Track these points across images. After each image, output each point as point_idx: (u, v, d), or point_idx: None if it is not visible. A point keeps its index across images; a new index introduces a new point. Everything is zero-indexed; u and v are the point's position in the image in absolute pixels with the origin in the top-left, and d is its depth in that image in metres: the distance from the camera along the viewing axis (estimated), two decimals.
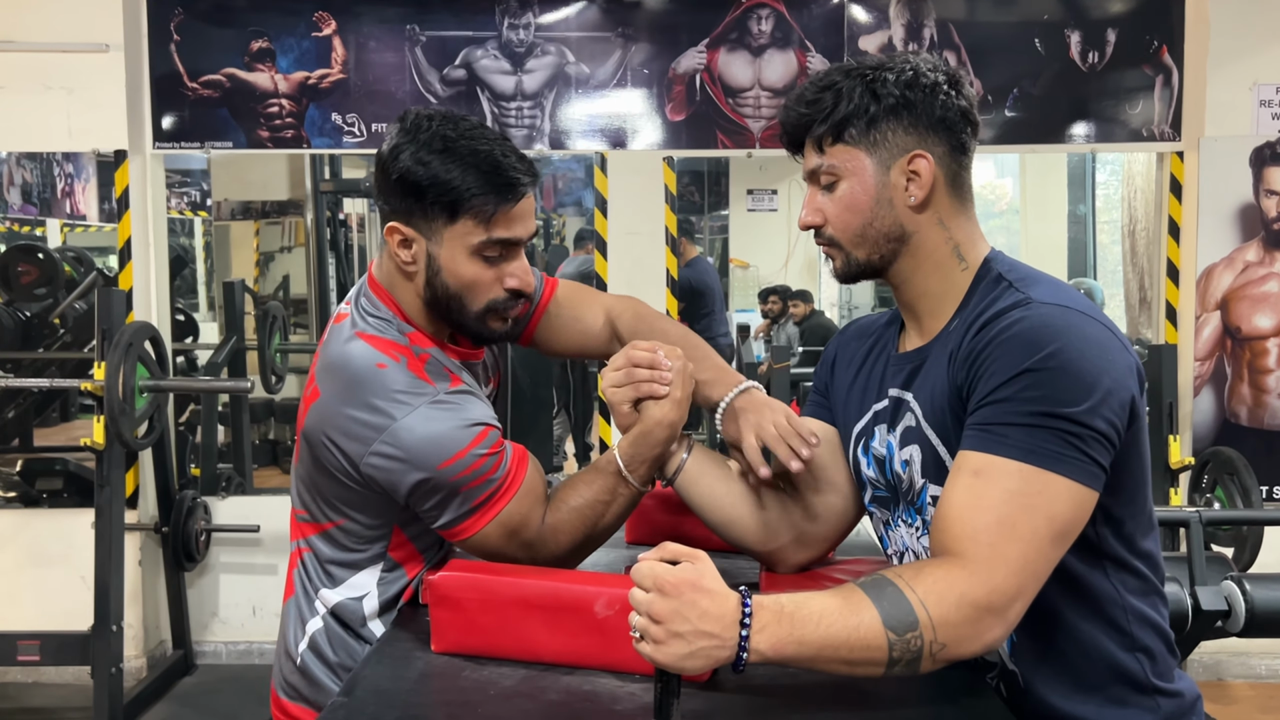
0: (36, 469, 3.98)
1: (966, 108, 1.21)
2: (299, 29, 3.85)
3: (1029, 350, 1.07)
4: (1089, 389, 1.06)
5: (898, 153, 1.19)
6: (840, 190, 1.22)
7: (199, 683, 3.88)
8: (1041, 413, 1.05)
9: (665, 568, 1.01)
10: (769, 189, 8.17)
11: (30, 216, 4.36)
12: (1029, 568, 1.05)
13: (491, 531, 1.33)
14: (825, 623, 1.01)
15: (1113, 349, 1.09)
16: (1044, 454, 1.05)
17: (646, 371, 1.34)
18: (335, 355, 1.35)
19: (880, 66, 1.20)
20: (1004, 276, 1.19)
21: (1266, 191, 3.75)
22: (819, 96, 1.21)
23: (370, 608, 1.41)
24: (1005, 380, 1.07)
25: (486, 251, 1.32)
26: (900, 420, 1.23)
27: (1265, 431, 3.78)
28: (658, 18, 3.87)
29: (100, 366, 3.26)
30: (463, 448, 1.28)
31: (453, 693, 1.17)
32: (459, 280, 1.33)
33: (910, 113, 1.19)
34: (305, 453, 1.39)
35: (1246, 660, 3.83)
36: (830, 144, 1.21)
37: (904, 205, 1.20)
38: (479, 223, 1.30)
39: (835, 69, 1.23)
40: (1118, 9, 3.83)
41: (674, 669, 0.99)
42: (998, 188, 9.09)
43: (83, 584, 3.51)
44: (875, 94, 1.18)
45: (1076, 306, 1.11)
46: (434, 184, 1.28)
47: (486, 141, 1.30)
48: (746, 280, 8.23)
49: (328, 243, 6.23)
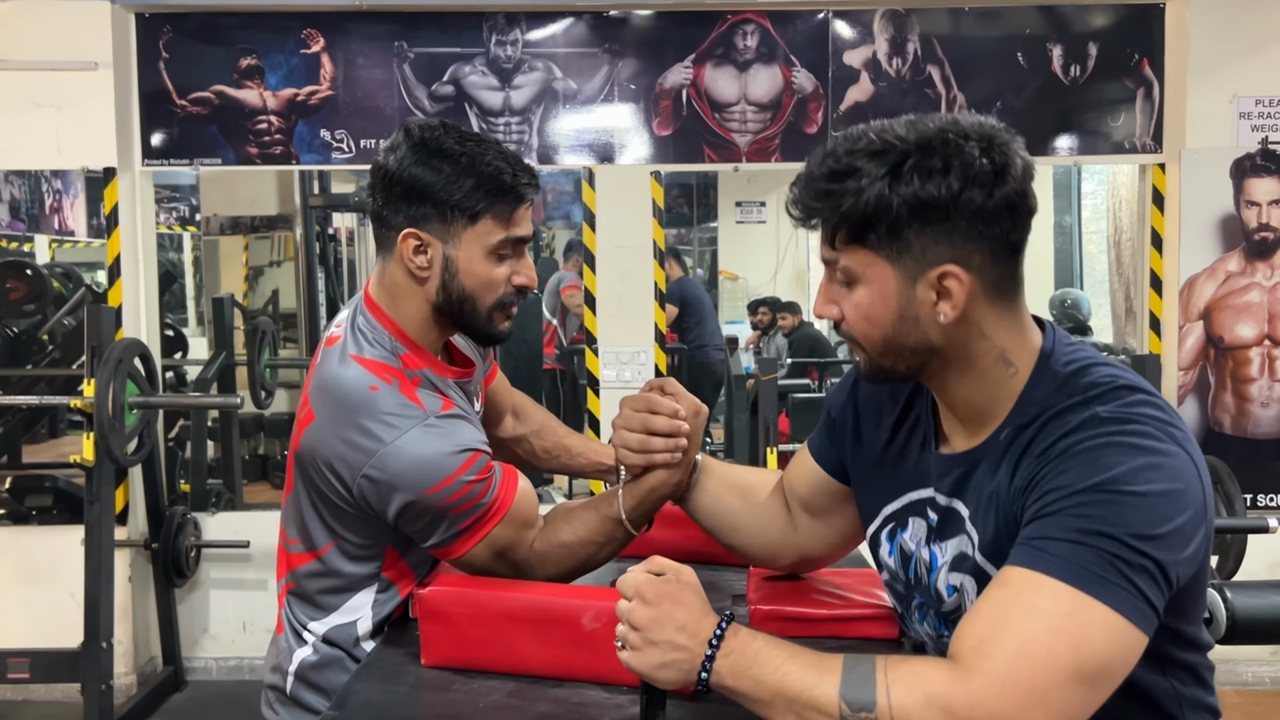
0: (26, 486, 3.97)
1: (1016, 197, 1.01)
2: (287, 46, 3.87)
3: (1093, 471, 0.95)
4: (1156, 519, 0.93)
5: (926, 266, 1.02)
6: (858, 295, 1.06)
7: (189, 699, 3.87)
8: (1093, 531, 0.93)
9: (649, 578, 1.03)
10: (757, 201, 8.20)
11: (19, 233, 4.36)
12: (1035, 696, 0.90)
13: (479, 552, 1.35)
14: (784, 670, 0.98)
15: (1188, 475, 0.96)
16: (1087, 575, 0.92)
17: (662, 442, 1.32)
18: (329, 377, 1.36)
19: (912, 148, 0.99)
20: (1063, 377, 1.04)
21: (1247, 202, 3.79)
22: (835, 188, 1.01)
23: (364, 628, 1.42)
24: (1062, 497, 0.96)
25: (502, 250, 1.37)
26: (950, 536, 1.12)
27: (1248, 440, 3.81)
28: (644, 33, 3.90)
29: (90, 383, 3.26)
30: (451, 474, 1.30)
31: (442, 705, 1.19)
32: (476, 279, 1.37)
33: (944, 218, 0.99)
34: (298, 476, 1.40)
35: (1233, 668, 3.85)
36: (845, 243, 1.04)
37: (933, 322, 1.04)
38: (499, 223, 1.36)
39: (859, 143, 1.02)
40: (1099, 22, 3.88)
41: (647, 677, 1.01)
42: None
43: (72, 601, 3.50)
44: (902, 192, 0.99)
45: (1150, 420, 0.98)
46: (454, 188, 1.33)
47: (493, 147, 1.37)
48: (735, 292, 8.25)
49: (317, 257, 6.23)
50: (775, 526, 1.39)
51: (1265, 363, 3.82)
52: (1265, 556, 3.52)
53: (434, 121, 1.38)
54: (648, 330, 3.94)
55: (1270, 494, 3.83)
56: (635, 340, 3.94)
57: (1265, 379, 3.82)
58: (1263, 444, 3.82)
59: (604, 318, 3.95)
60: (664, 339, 3.98)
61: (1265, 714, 3.63)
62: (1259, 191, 3.79)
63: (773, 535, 1.39)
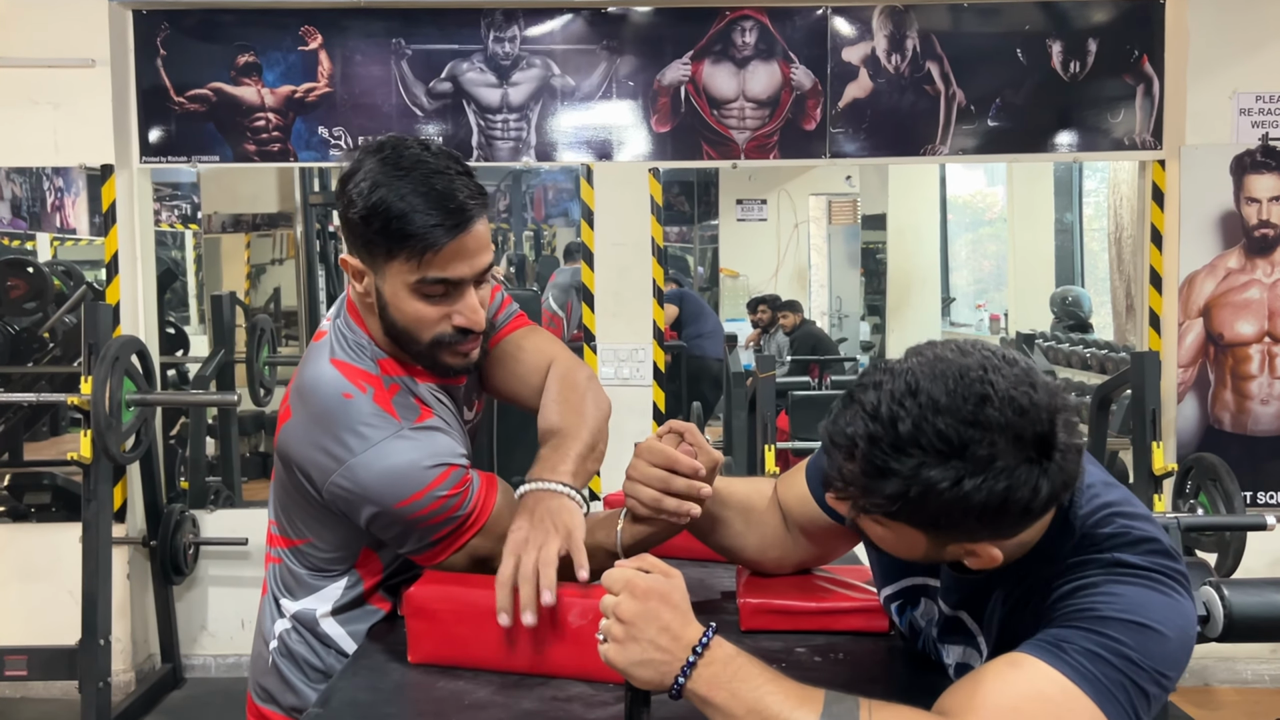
0: (24, 483, 3.98)
1: (1061, 490, 0.96)
2: (285, 43, 3.87)
3: (1122, 604, 0.97)
4: (1171, 662, 0.97)
5: (961, 539, 1.01)
6: (880, 533, 1.05)
7: (188, 696, 3.87)
8: (1120, 653, 0.95)
9: (636, 573, 1.03)
10: (758, 199, 8.20)
11: (20, 231, 4.36)
12: None
13: (458, 560, 1.34)
14: (764, 691, 0.97)
15: (1193, 627, 1.00)
16: (1103, 690, 0.94)
17: (675, 503, 1.25)
18: (308, 380, 1.34)
19: (966, 450, 0.92)
20: (1083, 530, 1.03)
21: (1247, 199, 3.78)
22: (873, 484, 0.96)
23: (323, 609, 1.42)
24: (1091, 618, 0.97)
25: (426, 290, 1.27)
26: (957, 643, 1.16)
27: (1248, 437, 3.80)
28: (643, 30, 3.90)
29: (87, 381, 3.27)
30: (422, 488, 1.26)
31: (427, 704, 1.18)
32: (404, 315, 1.29)
33: (986, 516, 0.95)
34: (279, 469, 1.41)
35: (1232, 665, 3.84)
36: (878, 519, 1.02)
37: (957, 557, 1.05)
38: (411, 265, 1.25)
39: (902, 427, 0.94)
40: (1098, 19, 3.87)
41: (624, 672, 1.00)
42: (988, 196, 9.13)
43: (70, 598, 3.50)
44: (949, 496, 0.93)
45: (1172, 571, 1.00)
46: (373, 219, 1.24)
47: (421, 180, 1.24)
48: (736, 290, 8.25)
49: (317, 255, 6.23)
50: (777, 541, 1.38)
51: (1265, 360, 3.80)
52: (1264, 554, 3.51)
53: (398, 139, 1.28)
54: (646, 328, 3.93)
55: (1269, 491, 3.81)
56: (633, 338, 3.94)
57: (1265, 376, 3.81)
58: (1262, 441, 3.81)
59: (602, 315, 3.95)
60: (662, 336, 3.98)
61: (1264, 712, 3.62)
62: (1259, 188, 3.78)
63: (775, 551, 1.39)
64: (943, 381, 0.94)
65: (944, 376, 0.94)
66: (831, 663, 1.27)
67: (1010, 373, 0.95)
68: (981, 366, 0.95)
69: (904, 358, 0.99)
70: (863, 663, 1.28)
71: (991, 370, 0.94)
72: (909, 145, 3.91)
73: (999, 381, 0.93)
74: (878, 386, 0.96)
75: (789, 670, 1.02)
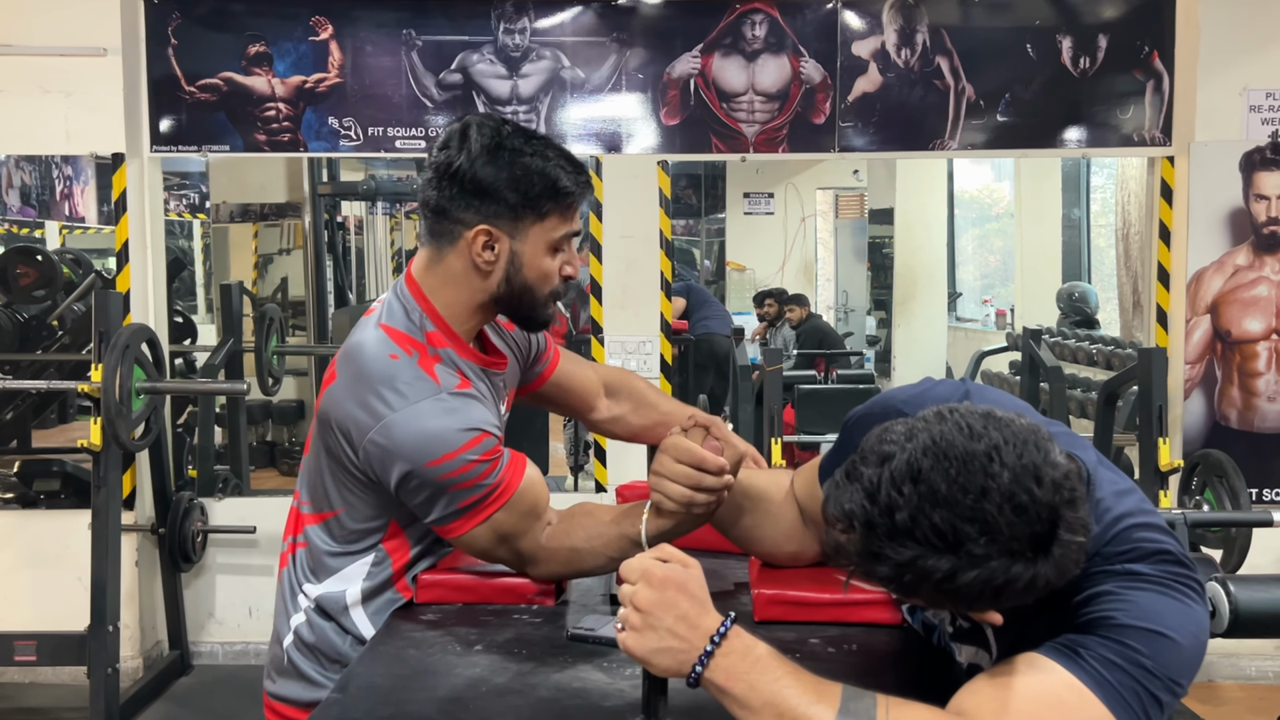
0: (34, 470, 4.00)
1: (1069, 570, 0.96)
2: (296, 33, 3.87)
3: (1140, 613, 0.98)
4: (1184, 670, 0.98)
5: (957, 608, 1.05)
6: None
7: (195, 683, 3.89)
8: (1136, 662, 0.96)
9: (653, 562, 1.04)
10: (765, 192, 8.20)
11: (29, 219, 4.38)
12: None
13: (481, 534, 1.36)
14: (783, 684, 0.97)
15: (1205, 634, 1.01)
16: (1118, 698, 0.95)
17: (705, 498, 1.29)
18: (354, 343, 1.40)
19: (948, 541, 0.91)
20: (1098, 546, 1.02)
21: (1256, 196, 3.78)
22: (867, 565, 0.97)
23: (352, 596, 1.44)
24: (1109, 625, 0.98)
25: (561, 244, 1.42)
26: (968, 642, 1.17)
27: (1255, 434, 3.81)
28: (653, 23, 3.90)
29: (97, 368, 3.28)
30: (453, 449, 1.31)
31: (445, 690, 1.19)
32: (537, 272, 1.41)
33: (983, 599, 0.95)
34: (317, 437, 1.44)
35: (1236, 661, 3.85)
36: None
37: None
38: (562, 220, 1.41)
39: (885, 516, 0.93)
40: (1109, 14, 3.86)
41: (642, 661, 1.01)
42: (995, 191, 9.12)
43: (79, 585, 3.52)
44: (959, 581, 0.93)
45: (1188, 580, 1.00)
46: (529, 184, 1.37)
47: (554, 147, 1.41)
48: (743, 283, 8.25)
49: (325, 245, 6.25)
50: (794, 535, 1.39)
51: (1272, 357, 3.81)
52: (1270, 551, 3.51)
53: (496, 119, 1.40)
54: (654, 320, 3.94)
55: (1275, 488, 3.82)
56: (641, 330, 3.94)
57: (1272, 373, 3.81)
58: (1268, 438, 3.81)
59: (610, 307, 3.95)
60: (670, 329, 3.98)
61: (1268, 708, 3.63)
62: (1268, 185, 3.78)
63: (791, 545, 1.40)
64: (944, 469, 0.92)
65: (948, 460, 0.92)
66: (845, 654, 1.29)
67: (1018, 465, 0.92)
68: (988, 454, 0.92)
69: (916, 423, 0.97)
70: (876, 654, 1.29)
71: (998, 462, 0.92)
72: (918, 140, 3.91)
73: (1003, 476, 0.91)
74: (882, 461, 0.94)
75: (802, 661, 1.02)
